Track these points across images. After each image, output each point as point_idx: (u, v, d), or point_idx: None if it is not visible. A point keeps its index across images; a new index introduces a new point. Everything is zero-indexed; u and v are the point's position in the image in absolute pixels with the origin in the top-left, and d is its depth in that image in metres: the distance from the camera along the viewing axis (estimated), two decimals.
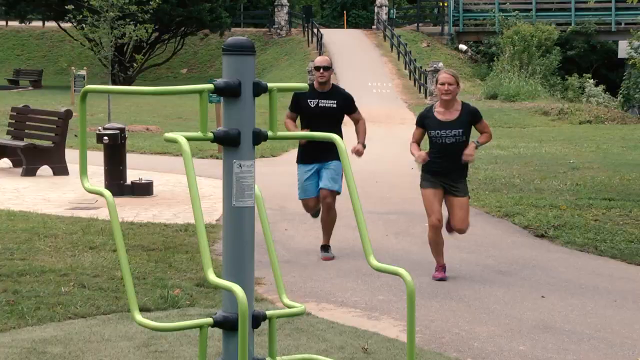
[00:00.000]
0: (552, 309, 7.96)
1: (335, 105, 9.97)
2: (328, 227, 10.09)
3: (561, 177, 16.30)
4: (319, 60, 10.18)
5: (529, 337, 7.09)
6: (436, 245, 9.13)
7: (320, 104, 9.88)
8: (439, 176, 9.01)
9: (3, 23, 60.49)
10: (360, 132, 10.43)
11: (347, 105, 10.20)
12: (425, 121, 9.11)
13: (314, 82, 10.06)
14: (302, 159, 10.00)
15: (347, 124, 10.24)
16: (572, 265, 9.77)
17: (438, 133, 8.92)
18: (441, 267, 9.10)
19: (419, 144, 9.26)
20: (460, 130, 8.88)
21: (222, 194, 4.43)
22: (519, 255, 10.22)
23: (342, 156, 4.56)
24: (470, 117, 9.06)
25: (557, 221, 11.93)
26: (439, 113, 9.00)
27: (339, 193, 9.95)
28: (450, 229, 9.46)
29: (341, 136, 8.61)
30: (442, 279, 8.96)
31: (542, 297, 8.37)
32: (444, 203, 9.20)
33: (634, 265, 9.84)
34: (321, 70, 9.89)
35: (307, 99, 9.86)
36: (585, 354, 6.66)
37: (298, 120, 10.25)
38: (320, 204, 10.01)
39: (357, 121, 10.50)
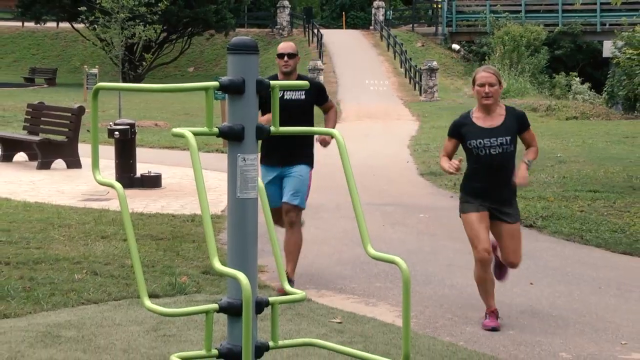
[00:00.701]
0: (540, 295, 7.96)
1: (303, 97, 8.11)
2: (292, 252, 8.16)
3: (549, 170, 16.30)
4: (283, 46, 8.18)
5: (518, 321, 7.09)
6: (485, 284, 7.04)
7: (285, 97, 7.90)
8: (484, 198, 6.99)
9: (19, 24, 60.43)
10: (330, 120, 8.58)
11: (317, 95, 8.35)
12: (462, 130, 7.08)
13: (278, 73, 8.14)
14: (264, 160, 8.07)
15: (347, 119, 10.01)
16: (559, 254, 9.78)
17: (480, 143, 6.95)
18: (493, 313, 6.99)
19: (450, 158, 7.18)
20: (508, 138, 7.02)
21: (227, 186, 4.42)
22: None
23: (341, 151, 4.54)
24: (518, 124, 7.15)
25: (545, 212, 11.94)
26: (479, 119, 7.05)
27: (302, 209, 8.23)
28: (500, 265, 7.44)
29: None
30: (495, 329, 6.85)
31: (531, 284, 8.38)
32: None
33: (618, 254, 9.85)
34: (285, 58, 7.97)
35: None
36: (571, 338, 6.66)
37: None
38: (285, 223, 8.16)
39: (328, 109, 8.58)
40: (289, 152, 7.93)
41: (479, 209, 6.91)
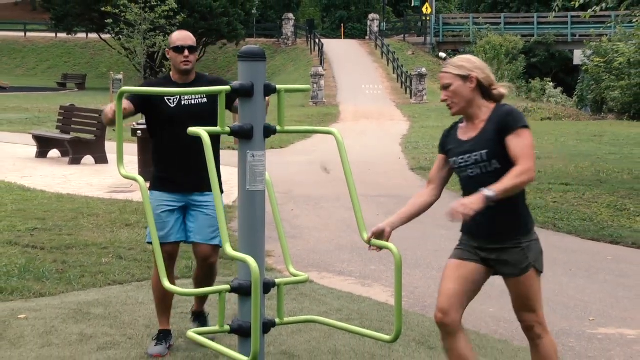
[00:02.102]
0: None
1: (205, 100, 5.47)
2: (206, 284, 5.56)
3: None
4: (180, 36, 5.46)
5: (497, 301, 7.08)
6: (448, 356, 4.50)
7: (183, 102, 5.44)
8: (470, 237, 4.51)
9: (53, 35, 60.49)
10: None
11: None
12: (446, 143, 4.49)
13: (171, 72, 5.57)
14: (160, 185, 5.49)
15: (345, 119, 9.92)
16: None
17: (455, 162, 4.38)
18: None
19: (435, 182, 4.59)
20: (484, 152, 4.25)
21: (238, 179, 4.42)
22: None
23: (340, 148, 4.53)
24: (498, 127, 4.24)
25: None
26: (462, 128, 4.42)
27: (220, 247, 5.46)
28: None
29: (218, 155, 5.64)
30: None
31: None
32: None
33: (586, 240, 9.84)
34: (186, 52, 5.39)
35: (163, 96, 5.39)
36: (545, 315, 6.64)
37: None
38: (197, 263, 5.68)
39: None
40: (199, 175, 5.30)
41: (462, 255, 4.54)
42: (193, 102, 5.44)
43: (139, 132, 13.73)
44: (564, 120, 32.13)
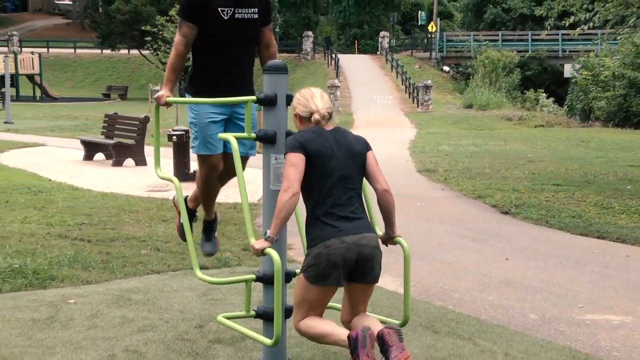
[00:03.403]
0: (514, 268, 7.91)
1: (257, 16, 4.94)
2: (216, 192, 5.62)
3: (521, 168, 16.22)
4: None
5: (496, 290, 7.05)
6: None
7: (236, 15, 4.86)
8: None
9: (99, 51, 60.82)
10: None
11: (267, 12, 5.01)
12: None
13: None
14: (207, 91, 4.96)
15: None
16: (529, 235, 9.72)
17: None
18: None
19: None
20: None
21: (262, 180, 4.41)
22: (489, 228, 10.17)
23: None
24: None
25: (518, 201, 11.88)
26: None
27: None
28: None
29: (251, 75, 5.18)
30: None
31: (506, 259, 8.33)
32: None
33: (576, 235, 9.78)
34: None
35: (218, 6, 4.82)
36: (538, 303, 6.62)
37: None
38: (226, 169, 5.28)
39: (269, 43, 5.15)
40: (240, 92, 4.84)
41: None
42: (245, 16, 4.91)
43: (174, 137, 13.79)
44: (555, 127, 31.98)
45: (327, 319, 4.30)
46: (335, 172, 4.16)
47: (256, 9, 4.94)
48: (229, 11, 4.86)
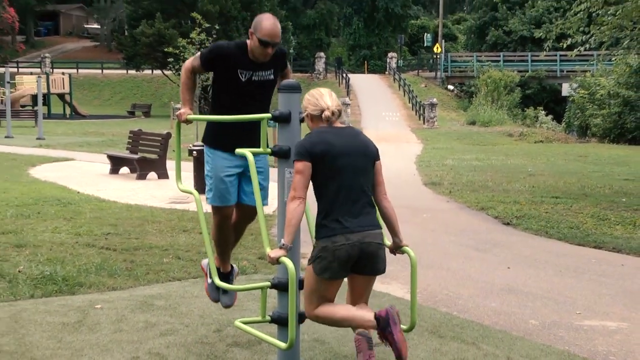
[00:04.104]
0: (515, 276, 7.88)
1: (272, 77, 5.01)
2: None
3: (521, 181, 16.17)
4: (271, 32, 4.76)
5: (498, 296, 7.02)
6: None
7: (254, 78, 4.91)
8: None
9: (124, 71, 61.13)
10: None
11: (281, 65, 5.10)
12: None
13: (248, 45, 4.86)
14: (225, 144, 4.98)
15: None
16: (530, 245, 9.68)
17: None
18: None
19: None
20: None
21: (277, 192, 4.42)
22: (491, 238, 10.14)
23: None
24: None
25: (519, 213, 11.84)
26: None
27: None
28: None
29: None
30: None
31: (508, 268, 8.29)
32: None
33: (574, 245, 9.74)
34: (270, 49, 4.81)
35: (238, 68, 4.86)
36: (538, 309, 6.59)
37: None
38: (240, 217, 5.31)
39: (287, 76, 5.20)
40: (256, 139, 4.65)
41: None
42: (262, 79, 4.93)
43: (194, 152, 13.82)
44: (554, 143, 31.88)
45: (343, 304, 4.30)
46: (345, 168, 4.13)
47: (272, 70, 4.97)
48: (247, 74, 4.89)
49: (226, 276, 5.39)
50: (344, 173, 4.13)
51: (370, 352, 4.01)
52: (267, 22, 4.76)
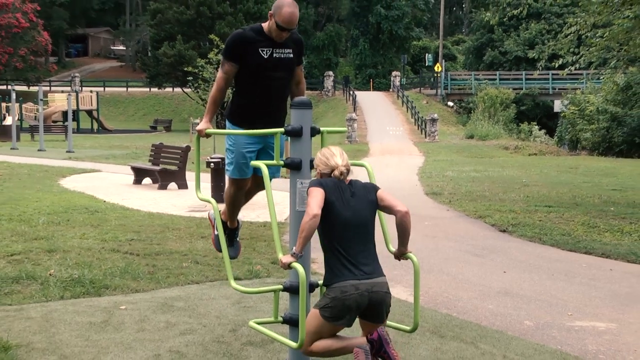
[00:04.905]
0: (511, 280, 7.85)
1: (291, 55, 4.95)
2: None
3: (517, 191, 16.12)
4: (289, 19, 4.73)
5: (495, 299, 7.00)
6: None
7: (275, 55, 4.86)
8: None
9: (147, 89, 61.44)
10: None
11: (299, 53, 5.07)
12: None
13: (264, 25, 4.87)
14: (247, 122, 4.98)
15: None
16: (524, 251, 9.64)
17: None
18: None
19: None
20: None
21: (289, 201, 4.42)
22: (489, 244, 10.11)
23: (370, 177, 4.51)
24: None
25: (514, 221, 11.80)
26: None
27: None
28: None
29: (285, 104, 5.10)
30: None
31: (504, 272, 8.26)
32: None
33: (565, 251, 9.70)
34: (285, 33, 4.81)
35: (259, 46, 4.83)
36: (532, 311, 6.56)
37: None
38: (254, 185, 5.36)
39: (298, 81, 5.19)
40: (275, 120, 4.90)
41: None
42: (282, 56, 4.88)
43: (212, 164, 13.85)
44: (547, 155, 31.79)
45: (335, 336, 4.24)
46: (350, 221, 4.11)
47: (291, 50, 4.93)
48: (268, 51, 4.85)
49: (233, 231, 5.43)
50: (349, 225, 4.11)
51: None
52: (287, 10, 4.72)
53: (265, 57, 4.84)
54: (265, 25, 4.86)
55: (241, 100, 5.01)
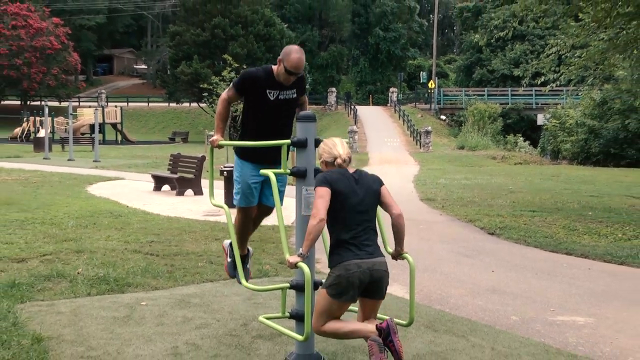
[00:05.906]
0: (498, 279, 7.82)
1: (295, 95, 5.00)
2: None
3: (504, 197, 16.09)
4: (297, 64, 4.78)
5: (484, 296, 6.97)
6: None
7: (280, 97, 4.91)
8: None
9: (167, 104, 61.58)
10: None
11: (302, 88, 5.07)
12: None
13: (274, 69, 4.88)
14: (254, 157, 5.12)
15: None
16: (511, 252, 9.62)
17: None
18: None
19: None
20: None
21: (295, 207, 4.42)
22: (478, 246, 10.08)
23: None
24: None
25: (502, 224, 11.77)
26: None
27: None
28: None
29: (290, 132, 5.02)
30: None
31: (492, 271, 8.24)
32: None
33: (548, 252, 9.67)
34: (292, 78, 4.88)
35: (266, 88, 4.87)
36: (518, 307, 6.53)
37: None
38: (260, 213, 5.50)
39: (302, 104, 5.19)
40: (278, 151, 4.68)
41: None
42: (287, 97, 4.94)
43: (225, 172, 13.85)
44: (531, 164, 31.76)
45: (348, 319, 4.27)
46: (355, 207, 4.11)
47: (295, 90, 4.99)
48: (275, 93, 4.90)
49: (243, 258, 5.44)
50: (354, 211, 4.11)
51: (382, 356, 3.94)
52: (294, 56, 4.78)
53: (272, 99, 4.91)
54: (275, 68, 4.89)
55: (248, 135, 5.06)
